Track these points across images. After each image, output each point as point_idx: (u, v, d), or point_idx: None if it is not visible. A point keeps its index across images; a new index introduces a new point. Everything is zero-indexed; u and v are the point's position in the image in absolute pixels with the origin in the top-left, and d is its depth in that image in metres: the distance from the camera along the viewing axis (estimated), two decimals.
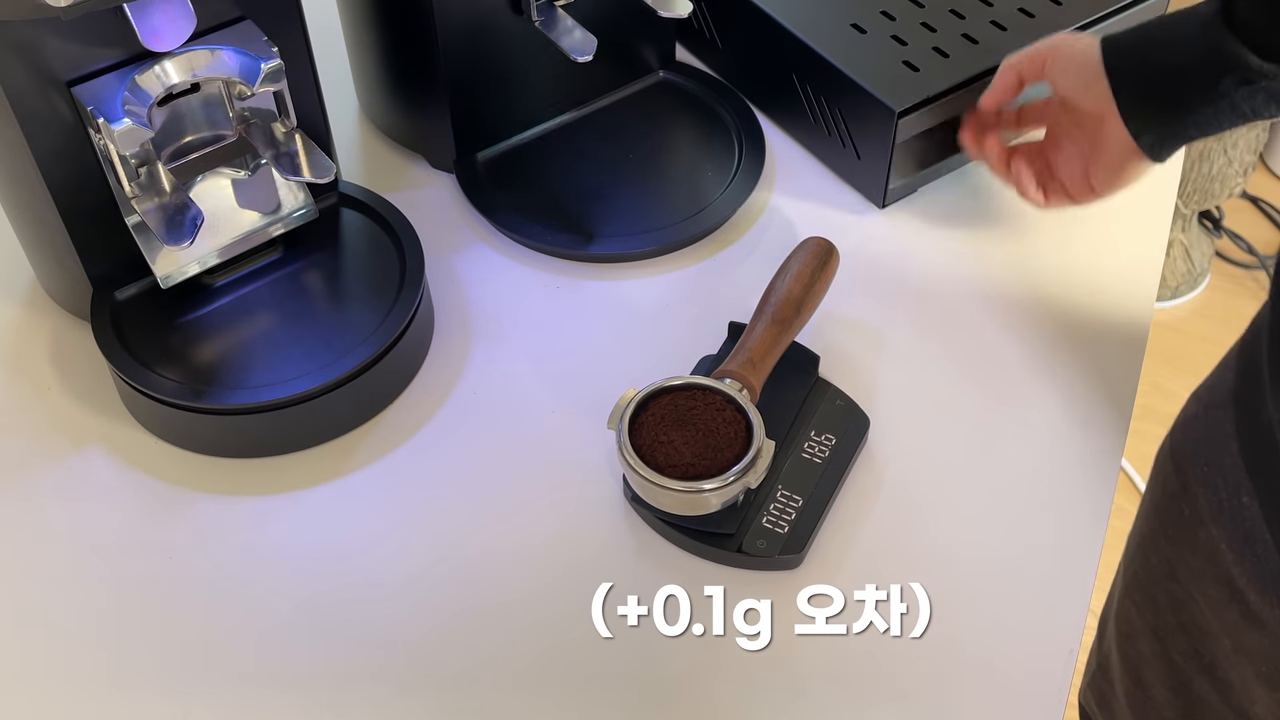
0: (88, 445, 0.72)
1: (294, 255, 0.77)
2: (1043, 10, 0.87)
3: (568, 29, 0.81)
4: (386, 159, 0.89)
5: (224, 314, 0.74)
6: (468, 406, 0.74)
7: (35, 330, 0.77)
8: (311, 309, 0.75)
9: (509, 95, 0.86)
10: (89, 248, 0.71)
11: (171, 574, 0.66)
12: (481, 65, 0.83)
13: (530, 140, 0.89)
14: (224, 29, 0.68)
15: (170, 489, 0.70)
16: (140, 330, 0.72)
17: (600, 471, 0.70)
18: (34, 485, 0.70)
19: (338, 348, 0.71)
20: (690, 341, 0.76)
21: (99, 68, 0.66)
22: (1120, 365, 0.76)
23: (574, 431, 0.72)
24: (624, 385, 0.67)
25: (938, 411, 0.74)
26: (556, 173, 0.87)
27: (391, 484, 0.70)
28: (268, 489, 0.70)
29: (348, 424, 0.73)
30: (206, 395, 0.69)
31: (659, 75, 0.93)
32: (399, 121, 0.89)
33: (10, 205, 0.73)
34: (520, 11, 0.81)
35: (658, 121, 0.91)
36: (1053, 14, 0.87)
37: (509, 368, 0.76)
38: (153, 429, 0.72)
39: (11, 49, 0.62)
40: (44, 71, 0.64)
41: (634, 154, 0.88)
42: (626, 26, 0.87)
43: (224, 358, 0.72)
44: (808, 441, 0.70)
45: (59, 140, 0.66)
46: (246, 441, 0.71)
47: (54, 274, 0.76)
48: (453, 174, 0.87)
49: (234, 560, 0.67)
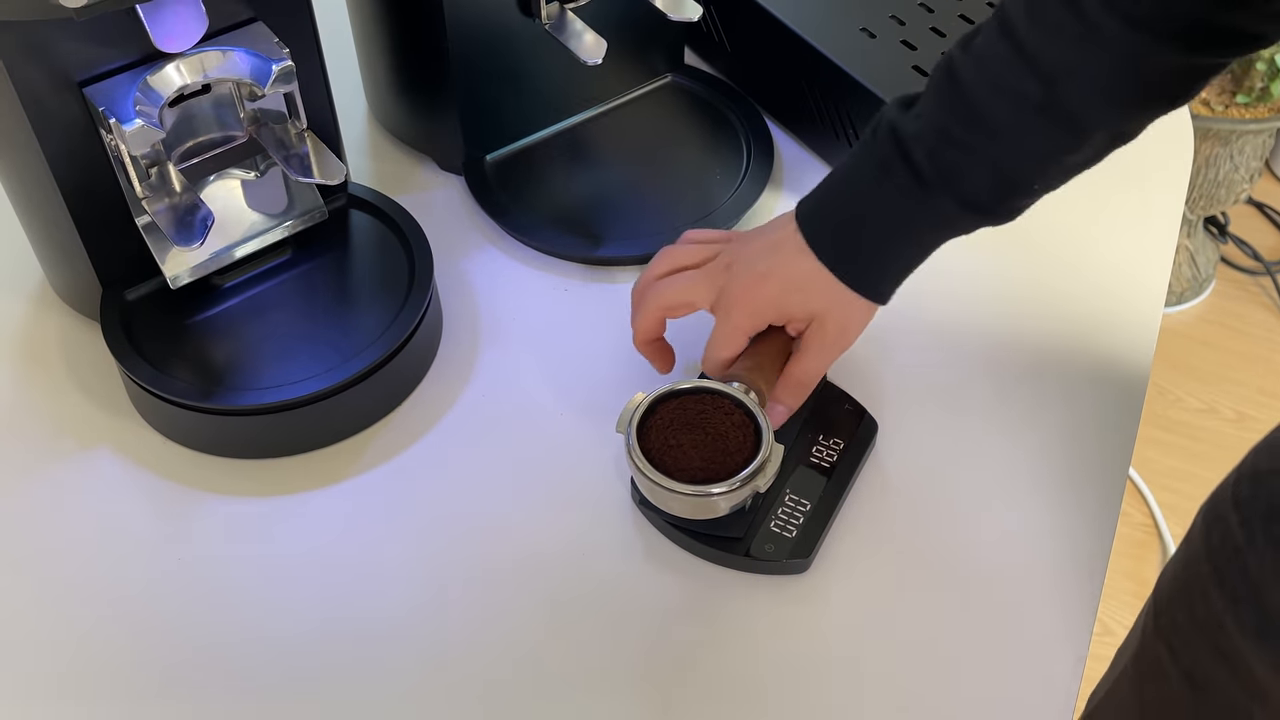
0: (96, 445, 0.72)
1: (303, 256, 0.77)
2: None
3: (577, 32, 0.81)
4: (395, 161, 0.89)
5: (233, 315, 0.74)
6: (476, 409, 0.74)
7: (44, 329, 0.77)
8: (320, 310, 0.75)
9: (518, 97, 0.86)
10: (99, 248, 0.71)
11: (180, 574, 0.66)
12: (491, 67, 0.83)
13: (539, 142, 0.89)
14: (235, 30, 0.68)
15: (178, 489, 0.70)
16: (149, 330, 0.72)
17: (608, 474, 0.70)
18: (43, 484, 0.70)
19: (346, 349, 0.71)
20: (698, 346, 0.76)
21: (111, 68, 0.66)
22: (1128, 371, 0.76)
23: (582, 434, 0.72)
24: (632, 389, 0.67)
25: (946, 416, 0.74)
26: (565, 175, 0.87)
27: (400, 486, 0.70)
28: (276, 490, 0.70)
29: (356, 426, 0.73)
30: (215, 396, 0.69)
31: (668, 78, 0.93)
32: (408, 123, 0.89)
33: (21, 205, 0.73)
34: (530, 14, 0.81)
35: (666, 125, 0.91)
36: None
37: (517, 370, 0.76)
38: (161, 429, 0.72)
39: (24, 49, 0.62)
40: (56, 72, 0.64)
41: (642, 157, 0.88)
42: (636, 29, 0.87)
43: (233, 358, 0.72)
44: (816, 446, 0.70)
45: (70, 141, 0.66)
46: (255, 442, 0.71)
47: (63, 274, 0.76)
48: (461, 176, 0.87)
49: (242, 561, 0.67)
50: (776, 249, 0.66)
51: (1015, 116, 0.59)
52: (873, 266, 0.65)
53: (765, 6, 0.87)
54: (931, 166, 0.61)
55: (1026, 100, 0.58)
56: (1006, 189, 0.62)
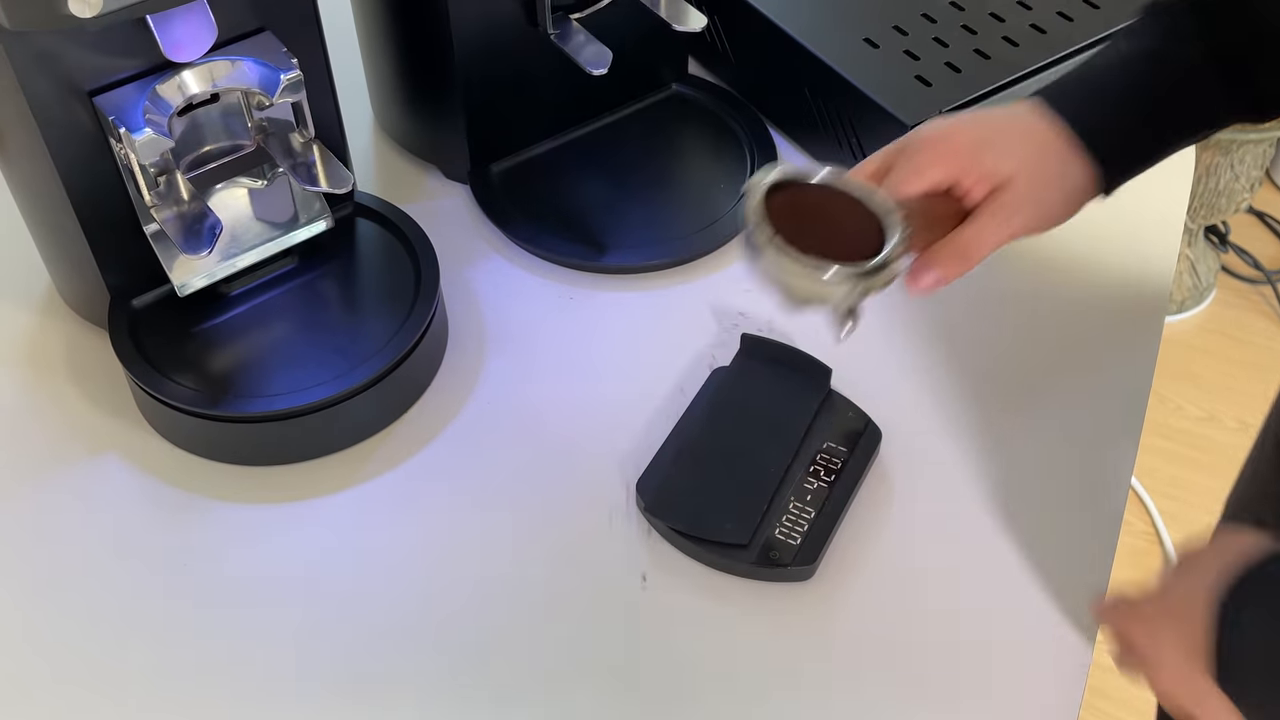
0: (104, 451, 0.72)
1: (309, 265, 0.77)
2: (1053, 25, 0.88)
3: (582, 42, 0.81)
4: (401, 170, 0.90)
5: (240, 322, 0.74)
6: (481, 416, 0.74)
7: (51, 336, 0.78)
8: (327, 318, 0.75)
9: (523, 107, 0.87)
10: (107, 256, 0.72)
11: (187, 579, 0.67)
12: (496, 77, 0.83)
13: (544, 152, 0.89)
14: (243, 40, 0.69)
15: (184, 495, 0.70)
16: (157, 338, 0.73)
17: (613, 482, 0.71)
18: (50, 490, 0.70)
19: (353, 357, 0.72)
20: (703, 353, 0.77)
21: (120, 78, 0.66)
22: (1131, 379, 0.76)
23: (587, 442, 0.73)
24: (636, 398, 0.68)
25: (949, 424, 0.74)
26: (570, 184, 0.87)
27: (405, 493, 0.71)
28: (282, 496, 0.70)
29: (362, 433, 0.73)
30: (222, 402, 0.70)
31: (671, 88, 0.94)
32: (414, 132, 0.90)
33: (29, 212, 0.74)
34: (535, 23, 0.82)
35: (670, 134, 0.91)
36: (1066, 30, 0.87)
37: (522, 378, 0.76)
38: (168, 435, 0.73)
39: (35, 59, 0.63)
40: (66, 81, 0.64)
41: (647, 166, 0.89)
42: (640, 40, 0.88)
43: (239, 365, 0.72)
44: (820, 453, 0.70)
45: (79, 149, 0.67)
46: (261, 449, 0.71)
47: (71, 281, 0.77)
48: (467, 185, 0.87)
49: (248, 566, 0.67)
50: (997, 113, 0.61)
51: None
52: (1116, 133, 0.60)
53: (769, 16, 0.88)
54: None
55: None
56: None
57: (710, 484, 0.69)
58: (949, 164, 0.60)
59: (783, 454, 0.70)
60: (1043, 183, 0.60)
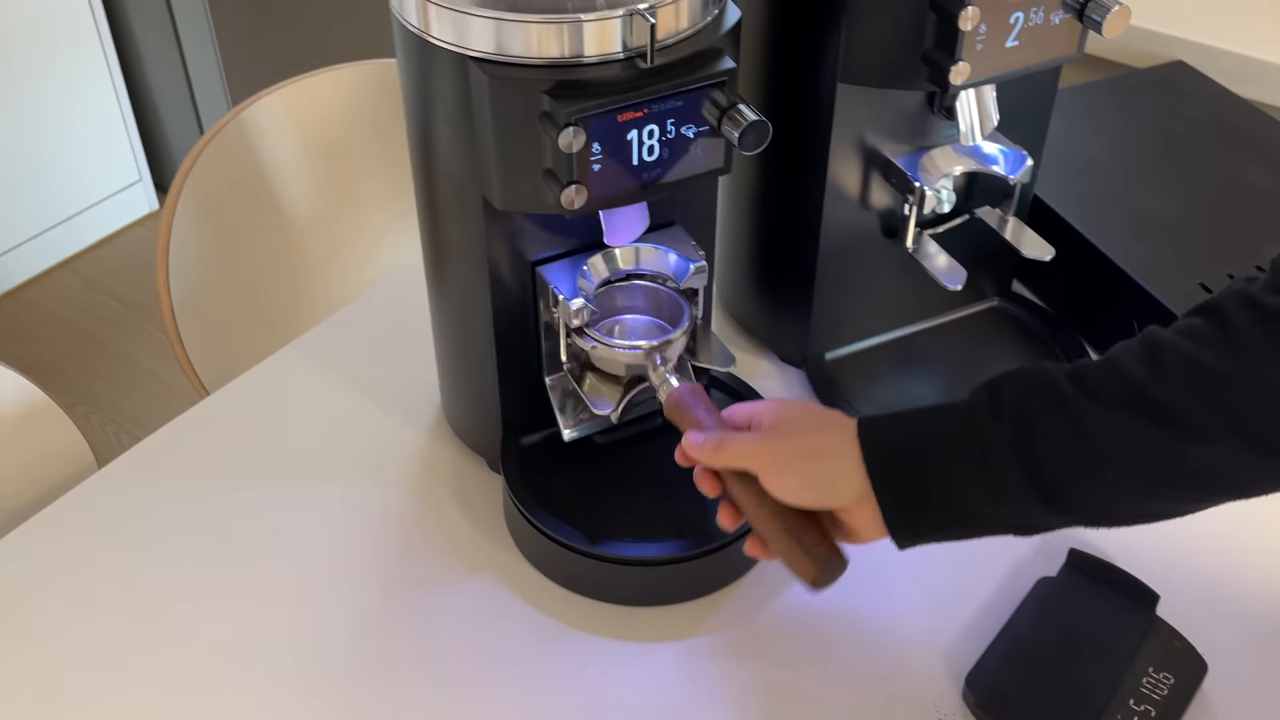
0: (481, 569, 0.81)
1: (670, 425, 0.86)
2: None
3: (932, 255, 0.89)
4: (738, 348, 0.98)
5: (609, 470, 0.83)
6: (802, 601, 0.80)
7: (440, 460, 0.88)
8: (685, 476, 0.83)
9: (863, 306, 0.94)
10: (510, 398, 0.82)
11: (541, 698, 0.74)
12: (848, 278, 0.91)
13: (874, 347, 0.96)
14: (658, 230, 0.79)
15: (546, 620, 0.78)
16: (538, 475, 0.82)
17: (926, 685, 0.74)
18: (436, 594, 0.79)
19: (700, 520, 0.78)
20: (1026, 561, 0.80)
21: (559, 252, 0.77)
22: None
23: (897, 649, 0.77)
24: (976, 577, 0.70)
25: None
26: (896, 378, 0.94)
27: (726, 654, 0.76)
28: (628, 634, 0.77)
29: (697, 591, 0.80)
30: (592, 542, 0.78)
31: (995, 301, 1.00)
32: (756, 316, 0.98)
33: (448, 348, 0.85)
34: (893, 237, 0.90)
35: (990, 345, 0.97)
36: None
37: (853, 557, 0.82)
38: (535, 562, 0.81)
39: (500, 233, 0.74)
40: (518, 252, 0.76)
41: (967, 371, 0.95)
42: (975, 254, 0.95)
43: (606, 509, 0.80)
44: (1146, 678, 0.73)
45: (514, 306, 0.78)
46: (614, 589, 0.79)
47: (467, 413, 0.87)
48: (801, 370, 0.95)
49: (597, 695, 0.74)
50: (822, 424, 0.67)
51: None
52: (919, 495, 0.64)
53: (1099, 247, 0.93)
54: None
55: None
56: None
57: (1041, 690, 0.72)
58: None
59: (1110, 673, 0.73)
60: (810, 451, 0.66)
